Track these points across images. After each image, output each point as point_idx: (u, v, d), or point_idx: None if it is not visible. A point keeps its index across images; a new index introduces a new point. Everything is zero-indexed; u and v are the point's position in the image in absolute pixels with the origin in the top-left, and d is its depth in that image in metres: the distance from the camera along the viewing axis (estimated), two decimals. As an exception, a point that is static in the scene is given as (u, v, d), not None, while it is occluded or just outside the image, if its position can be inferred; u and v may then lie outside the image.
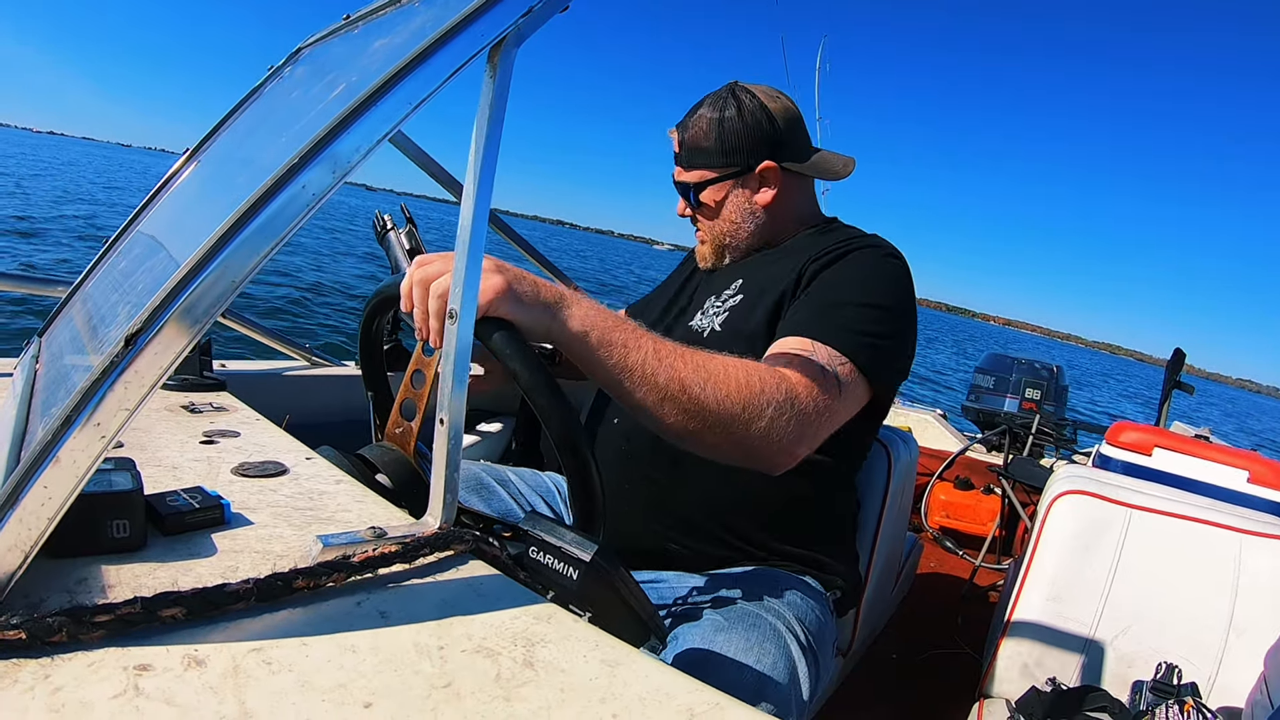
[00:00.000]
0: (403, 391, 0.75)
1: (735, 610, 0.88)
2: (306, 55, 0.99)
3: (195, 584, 0.45)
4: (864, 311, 0.95)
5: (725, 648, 0.81)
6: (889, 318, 0.96)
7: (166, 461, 0.67)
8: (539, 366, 0.64)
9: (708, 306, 1.11)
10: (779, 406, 0.79)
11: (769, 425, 0.78)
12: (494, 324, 0.66)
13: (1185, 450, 2.28)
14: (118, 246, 0.96)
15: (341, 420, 1.37)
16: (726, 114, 1.10)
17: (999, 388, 4.81)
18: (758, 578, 0.99)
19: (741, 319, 1.04)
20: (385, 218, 1.53)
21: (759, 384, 0.78)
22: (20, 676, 0.37)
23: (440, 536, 0.55)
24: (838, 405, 0.87)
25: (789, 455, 0.82)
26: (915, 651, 2.15)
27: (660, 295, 1.29)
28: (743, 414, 0.77)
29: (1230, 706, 1.33)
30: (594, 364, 0.73)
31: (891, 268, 1.03)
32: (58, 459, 0.39)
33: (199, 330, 0.41)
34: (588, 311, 0.73)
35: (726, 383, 0.77)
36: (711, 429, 0.76)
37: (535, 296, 0.70)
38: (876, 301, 0.96)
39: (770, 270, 1.08)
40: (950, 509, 3.32)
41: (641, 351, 0.74)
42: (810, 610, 0.95)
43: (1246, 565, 1.39)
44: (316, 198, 0.44)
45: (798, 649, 0.86)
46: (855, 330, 0.92)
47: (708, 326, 1.07)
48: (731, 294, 1.09)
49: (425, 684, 0.41)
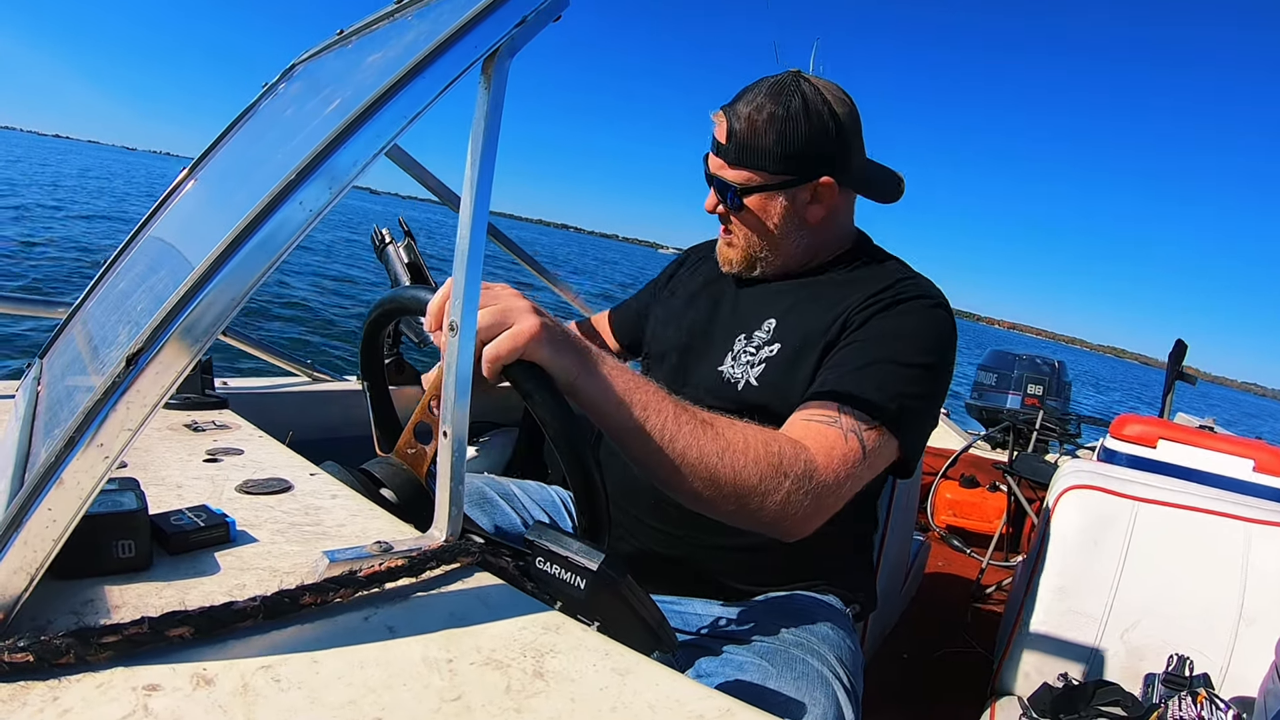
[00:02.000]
0: (420, 413, 0.74)
1: (774, 651, 0.86)
2: (301, 71, 0.99)
3: (202, 603, 0.45)
4: (902, 371, 0.90)
5: (774, 694, 0.79)
6: (928, 377, 0.92)
7: (170, 480, 0.67)
8: (568, 414, 0.64)
9: (738, 350, 1.02)
10: (797, 480, 0.77)
11: (784, 499, 0.76)
12: (526, 367, 0.65)
13: (1190, 441, 2.28)
14: (117, 266, 0.96)
15: (344, 435, 1.36)
16: (791, 110, 0.96)
17: (1001, 384, 4.82)
18: (785, 608, 0.97)
19: (782, 374, 0.97)
20: (384, 232, 1.52)
21: (777, 457, 0.77)
22: (29, 699, 0.36)
23: (446, 549, 0.55)
24: (860, 473, 0.84)
25: (802, 528, 0.80)
26: (926, 651, 2.15)
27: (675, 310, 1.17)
28: (759, 486, 0.75)
29: (1243, 696, 1.32)
30: (612, 421, 0.71)
31: (939, 321, 0.96)
32: (61, 480, 0.39)
33: (200, 349, 0.41)
34: (613, 368, 0.72)
35: (745, 454, 0.75)
36: (725, 499, 0.75)
37: (567, 343, 0.69)
38: (918, 360, 0.91)
39: (808, 314, 1.00)
40: (956, 507, 3.32)
41: (662, 415, 0.72)
42: (844, 643, 0.93)
43: (1255, 554, 1.39)
44: (314, 214, 0.44)
45: (844, 694, 0.84)
46: (890, 391, 0.87)
47: (742, 378, 1.00)
48: (765, 338, 1.01)
49: (436, 697, 0.41)
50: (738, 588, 1.02)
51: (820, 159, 0.98)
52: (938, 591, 2.68)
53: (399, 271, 1.47)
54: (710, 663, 0.85)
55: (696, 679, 0.81)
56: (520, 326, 0.65)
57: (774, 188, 0.99)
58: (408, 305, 0.75)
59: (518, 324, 0.65)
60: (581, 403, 0.70)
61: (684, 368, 1.07)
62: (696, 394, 1.02)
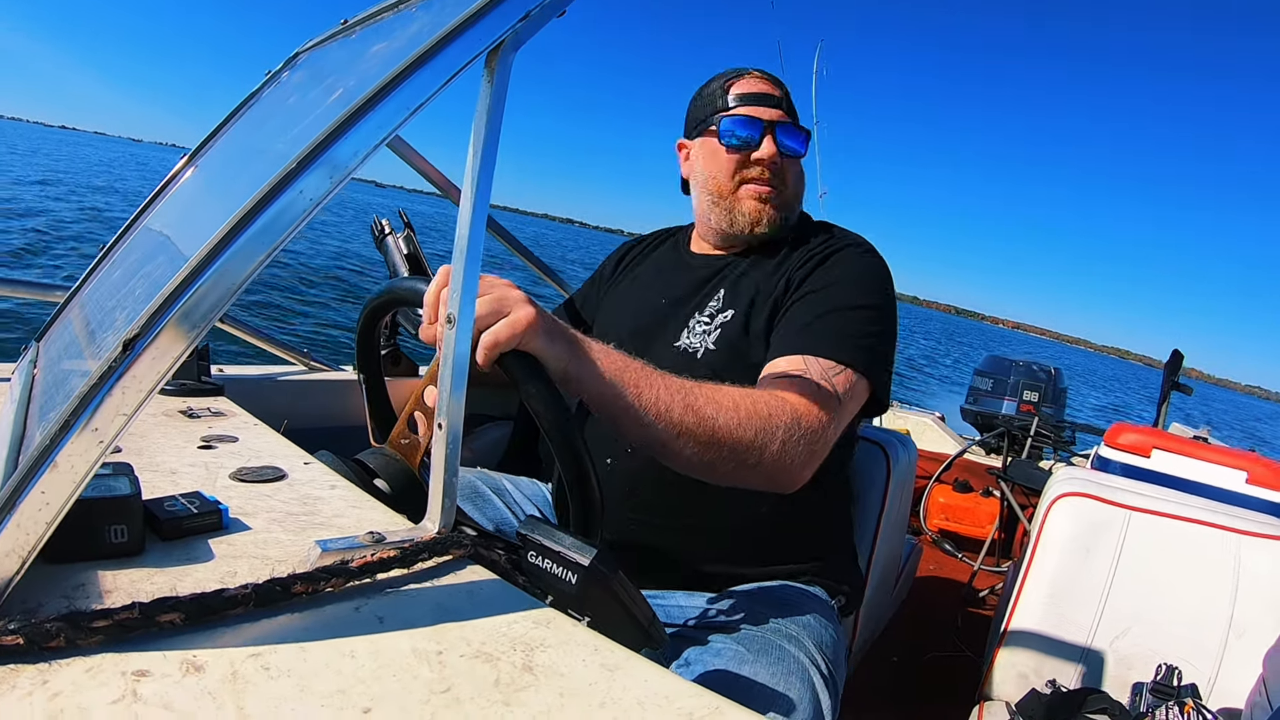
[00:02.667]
0: (414, 403, 0.74)
1: (754, 638, 0.87)
2: (304, 60, 0.99)
3: (193, 589, 0.45)
4: (856, 314, 0.97)
5: (749, 682, 0.81)
6: (878, 316, 0.99)
7: (164, 466, 0.67)
8: (561, 406, 0.65)
9: (693, 324, 1.08)
10: (787, 429, 0.80)
11: (780, 449, 0.80)
12: (521, 357, 0.66)
13: (1183, 451, 2.28)
14: (115, 251, 0.96)
15: (339, 425, 1.36)
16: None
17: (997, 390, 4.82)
18: (768, 597, 0.98)
19: (738, 335, 1.03)
20: (383, 223, 1.52)
21: (765, 410, 0.80)
22: (18, 682, 0.36)
23: (439, 541, 0.55)
24: (840, 416, 0.89)
25: (802, 475, 0.84)
26: (915, 654, 2.15)
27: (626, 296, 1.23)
28: (755, 440, 0.78)
29: (1230, 708, 1.33)
30: (608, 402, 0.72)
31: (874, 264, 1.05)
32: (55, 464, 0.39)
33: (197, 335, 0.41)
34: (600, 351, 0.74)
35: (736, 413, 0.78)
36: (726, 459, 0.78)
37: (559, 332, 0.70)
38: (866, 302, 0.99)
39: (753, 276, 1.08)
40: (949, 512, 3.32)
41: (654, 390, 0.74)
42: (825, 632, 0.94)
43: (1245, 566, 1.39)
44: (314, 203, 0.44)
45: (821, 681, 0.85)
46: (848, 334, 0.94)
47: (700, 346, 1.05)
48: (717, 306, 1.08)
49: (424, 689, 0.41)
50: (718, 572, 1.02)
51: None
52: (929, 595, 2.69)
53: (397, 262, 1.47)
54: (693, 651, 0.86)
55: (679, 668, 0.81)
56: (516, 315, 0.65)
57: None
58: (405, 296, 0.75)
59: (514, 313, 0.65)
60: (575, 389, 0.71)
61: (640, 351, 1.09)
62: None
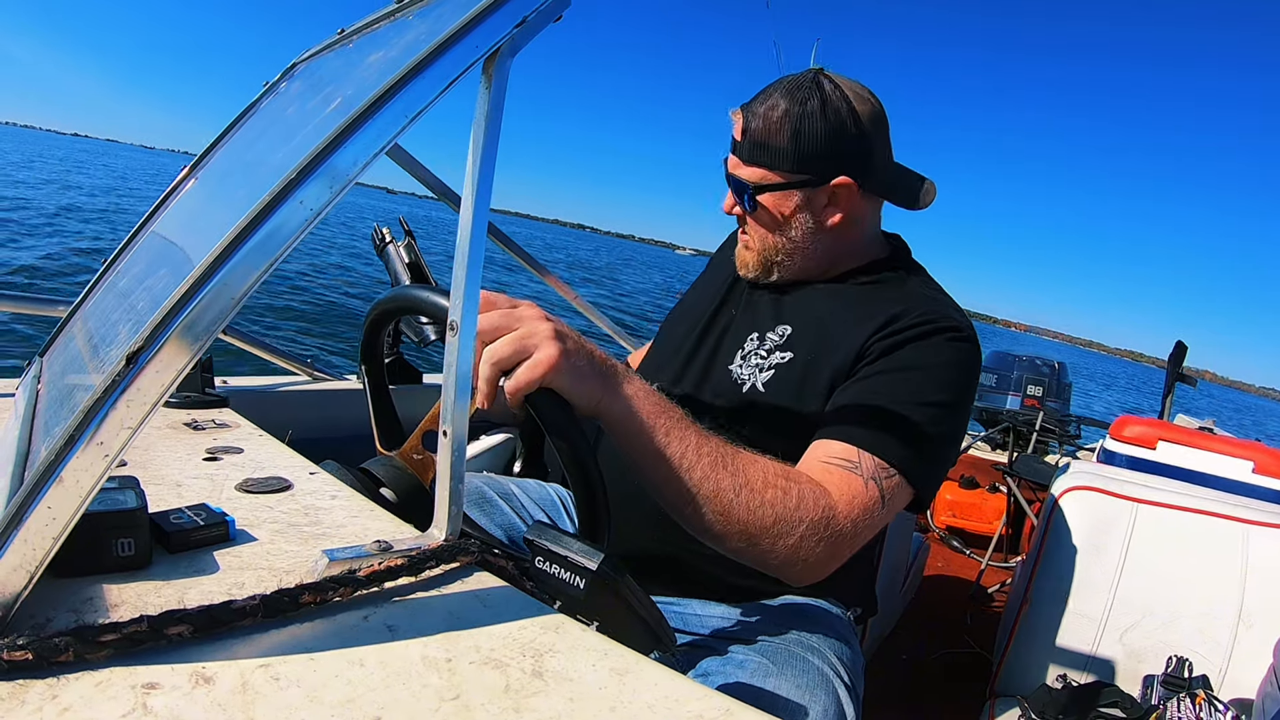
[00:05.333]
0: (430, 420, 0.74)
1: (776, 650, 0.86)
2: (301, 70, 0.99)
3: (201, 601, 0.45)
4: (923, 411, 0.86)
5: (773, 696, 0.79)
6: (949, 415, 0.88)
7: (170, 479, 0.67)
8: (582, 439, 0.65)
9: (749, 349, 0.99)
10: (812, 525, 0.75)
11: (797, 544, 0.74)
12: (545, 395, 0.65)
13: (1189, 442, 2.28)
14: (117, 265, 0.96)
15: (343, 434, 1.36)
16: (807, 109, 0.92)
17: (1001, 385, 4.82)
18: (787, 610, 0.97)
19: (790, 388, 0.94)
20: (384, 231, 1.53)
21: (796, 500, 0.74)
22: (27, 697, 0.36)
23: (446, 549, 0.55)
24: (877, 521, 0.81)
25: (813, 574, 0.78)
26: (925, 652, 2.15)
27: (695, 303, 1.15)
28: (772, 528, 0.73)
29: (1241, 698, 1.32)
30: (632, 444, 0.70)
31: (963, 354, 0.91)
32: (61, 479, 0.39)
33: (200, 347, 0.41)
34: (637, 390, 0.70)
35: (762, 494, 0.73)
36: (735, 536, 0.74)
37: (590, 368, 0.67)
38: (939, 399, 0.87)
39: (824, 330, 0.96)
40: (956, 508, 3.32)
41: (684, 443, 0.71)
42: (844, 644, 0.93)
43: (1254, 555, 1.39)
44: (315, 212, 0.44)
45: (845, 692, 0.84)
46: (912, 435, 0.84)
47: (749, 380, 0.96)
48: (778, 342, 0.97)
49: (434, 697, 0.41)
50: (737, 584, 1.01)
51: (838, 159, 0.94)
52: (937, 592, 2.68)
53: (399, 270, 1.48)
54: (712, 662, 0.85)
55: (698, 678, 0.81)
56: (539, 356, 0.64)
57: (789, 187, 0.95)
58: (408, 305, 0.75)
59: (538, 353, 0.64)
60: (603, 421, 0.70)
61: (692, 362, 1.06)
62: (699, 389, 1.01)
